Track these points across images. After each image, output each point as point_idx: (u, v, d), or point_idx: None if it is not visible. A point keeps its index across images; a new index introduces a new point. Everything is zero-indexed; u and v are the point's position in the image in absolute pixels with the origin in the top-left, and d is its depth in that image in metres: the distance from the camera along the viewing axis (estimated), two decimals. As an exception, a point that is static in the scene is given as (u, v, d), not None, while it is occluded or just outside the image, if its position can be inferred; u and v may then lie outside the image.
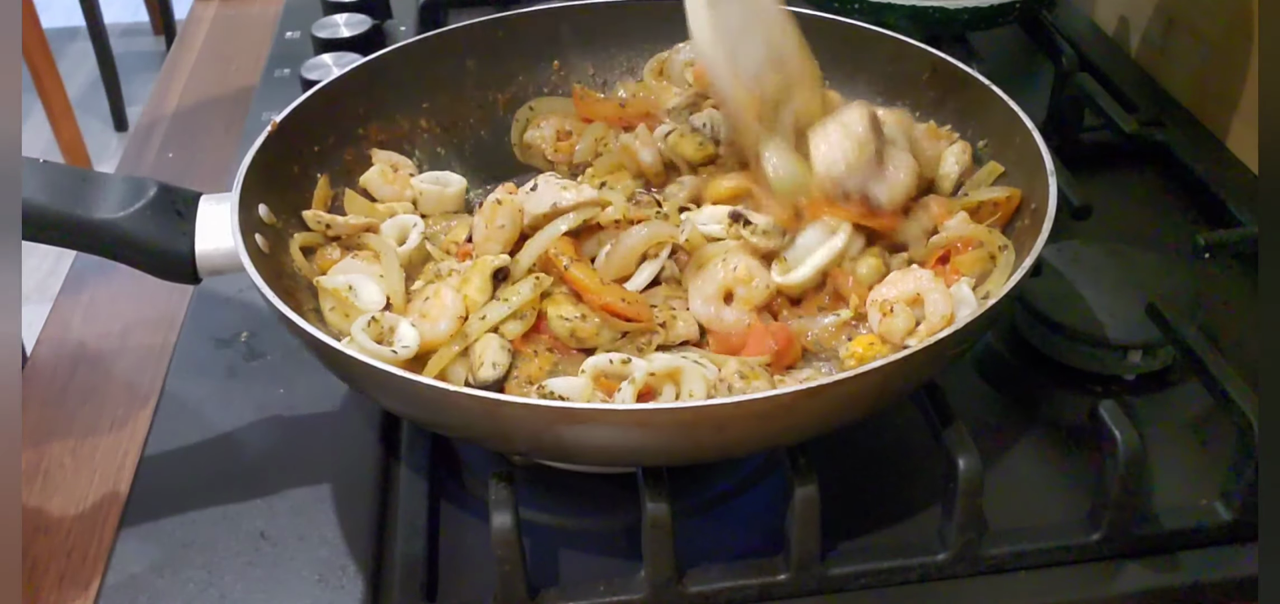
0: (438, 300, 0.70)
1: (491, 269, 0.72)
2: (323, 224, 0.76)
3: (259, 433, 0.75)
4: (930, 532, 0.66)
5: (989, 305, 0.62)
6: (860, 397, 0.60)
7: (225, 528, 0.68)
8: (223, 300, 0.85)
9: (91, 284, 0.93)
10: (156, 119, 1.17)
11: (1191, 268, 0.83)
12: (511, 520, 0.59)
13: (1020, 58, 1.19)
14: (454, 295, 0.70)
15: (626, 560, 0.65)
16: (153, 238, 0.68)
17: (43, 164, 0.68)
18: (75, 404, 0.81)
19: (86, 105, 3.28)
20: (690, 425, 0.57)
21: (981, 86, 0.81)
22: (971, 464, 0.61)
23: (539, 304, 0.71)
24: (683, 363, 0.65)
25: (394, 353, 0.66)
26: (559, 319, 0.69)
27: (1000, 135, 0.79)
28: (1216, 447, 0.72)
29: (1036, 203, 0.71)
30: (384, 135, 0.86)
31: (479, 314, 0.70)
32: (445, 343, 0.69)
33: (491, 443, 0.69)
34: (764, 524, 0.68)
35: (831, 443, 0.64)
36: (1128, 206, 0.97)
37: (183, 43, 1.33)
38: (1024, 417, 0.76)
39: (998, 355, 0.81)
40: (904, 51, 0.87)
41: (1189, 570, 0.65)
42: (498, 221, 0.73)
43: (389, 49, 0.88)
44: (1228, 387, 0.66)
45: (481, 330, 0.69)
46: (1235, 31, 1.00)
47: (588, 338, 0.69)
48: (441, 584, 0.65)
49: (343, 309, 0.70)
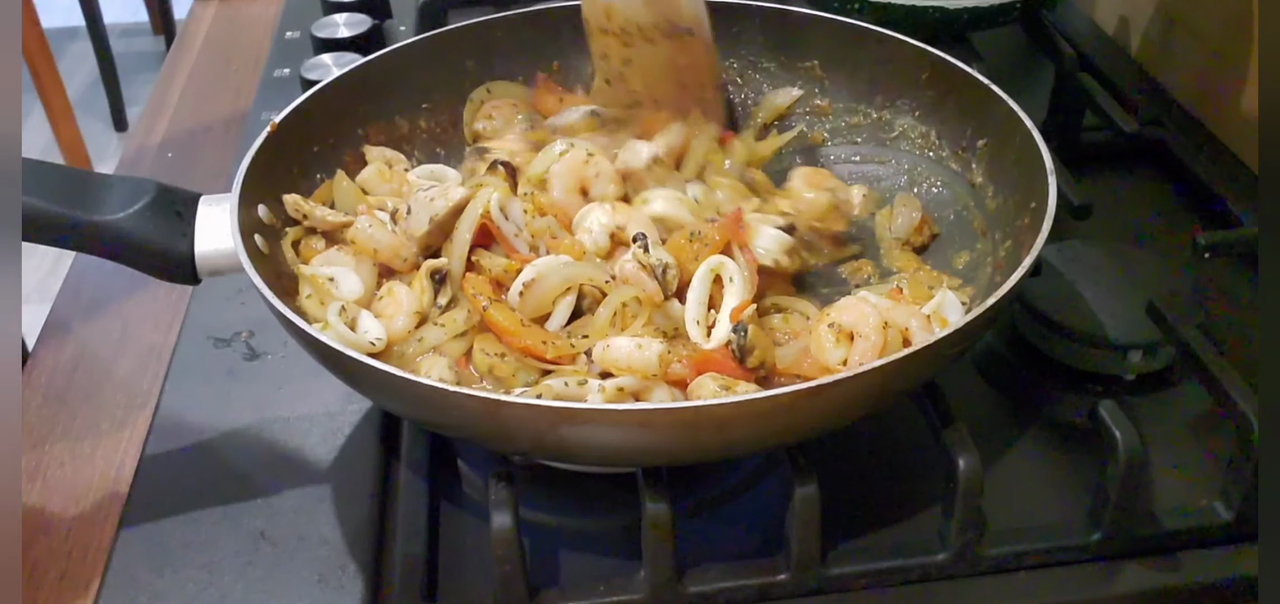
0: (392, 298, 0.72)
1: (429, 271, 0.72)
2: (300, 212, 0.76)
3: (259, 433, 0.75)
4: (930, 532, 0.66)
5: (987, 305, 0.62)
6: (860, 397, 0.60)
7: (225, 528, 0.68)
8: (222, 300, 0.85)
9: (91, 284, 0.93)
10: (156, 119, 1.17)
11: (1191, 268, 0.83)
12: (511, 520, 0.59)
13: (1020, 58, 1.19)
14: (409, 293, 0.71)
15: (626, 560, 0.65)
16: (152, 238, 0.68)
17: (43, 165, 0.68)
18: (75, 404, 0.81)
19: (86, 105, 3.28)
20: (691, 425, 0.57)
21: (981, 86, 0.81)
22: (971, 464, 0.61)
23: (474, 329, 0.71)
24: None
25: (372, 344, 0.68)
26: (481, 354, 0.69)
27: (1000, 135, 0.79)
28: (1216, 447, 0.72)
29: (1036, 203, 0.71)
30: (383, 136, 0.86)
31: (416, 337, 0.70)
32: (402, 339, 0.70)
33: (491, 443, 0.69)
34: (764, 524, 0.68)
35: (831, 443, 0.64)
36: (1128, 207, 0.97)
37: (183, 43, 1.33)
38: (1024, 417, 0.76)
39: (998, 355, 0.81)
40: (903, 51, 0.87)
41: (1189, 570, 0.65)
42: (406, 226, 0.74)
43: (389, 49, 0.88)
44: (1228, 387, 0.66)
45: (420, 350, 0.70)
46: (1235, 31, 1.00)
47: (506, 378, 0.68)
48: (441, 584, 0.65)
49: (319, 296, 0.71)
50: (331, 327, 0.68)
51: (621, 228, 0.74)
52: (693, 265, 0.71)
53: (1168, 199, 0.97)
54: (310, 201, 0.77)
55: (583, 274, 0.71)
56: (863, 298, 0.71)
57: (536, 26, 0.93)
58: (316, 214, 0.76)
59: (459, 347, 0.70)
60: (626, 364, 0.65)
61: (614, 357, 0.65)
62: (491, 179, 0.76)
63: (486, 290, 0.71)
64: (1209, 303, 0.80)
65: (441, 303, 0.72)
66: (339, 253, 0.75)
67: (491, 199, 0.73)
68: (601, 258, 0.74)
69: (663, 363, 0.64)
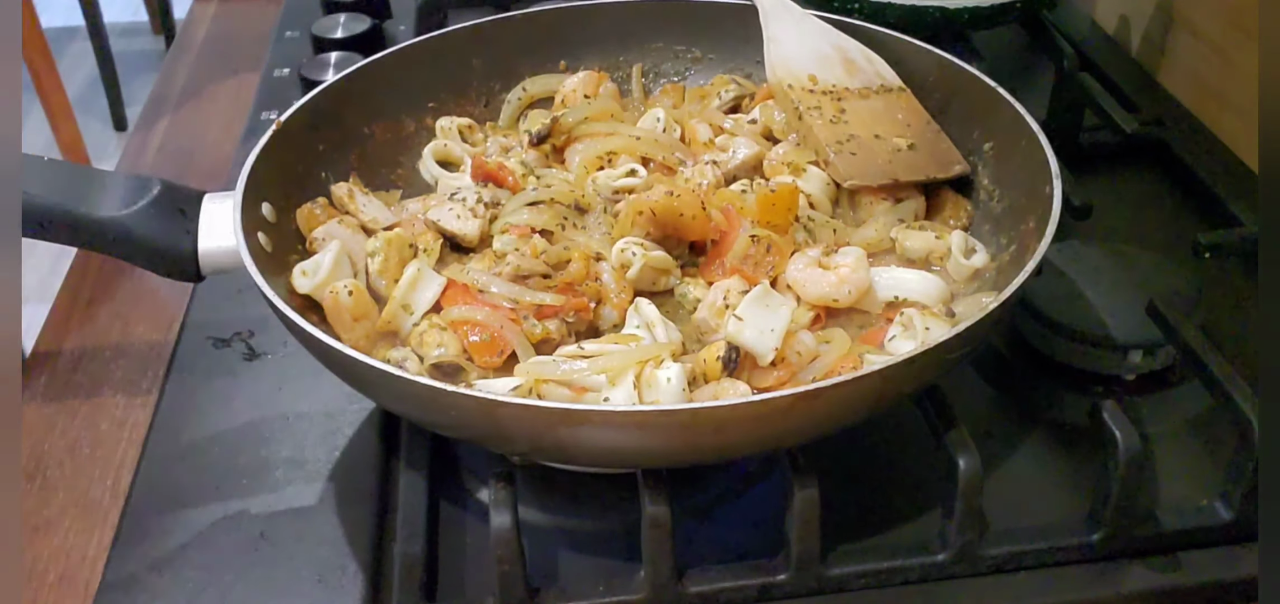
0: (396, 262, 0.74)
1: (405, 244, 0.75)
2: (344, 207, 0.78)
3: (259, 433, 0.75)
4: (930, 532, 0.66)
5: (990, 308, 0.62)
6: (859, 400, 0.60)
7: (225, 528, 0.68)
8: (223, 300, 0.85)
9: (91, 284, 0.93)
10: (156, 119, 1.17)
11: (1191, 268, 0.83)
12: (511, 520, 0.59)
13: (1020, 58, 1.19)
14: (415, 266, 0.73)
15: (626, 561, 0.65)
16: (156, 236, 0.68)
17: (47, 162, 0.68)
18: (75, 404, 0.81)
19: (86, 105, 3.27)
20: (688, 427, 0.57)
21: (988, 89, 0.81)
22: (971, 464, 0.61)
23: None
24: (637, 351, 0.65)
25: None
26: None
27: (1006, 138, 0.79)
28: (1216, 447, 0.72)
29: (1041, 206, 0.71)
30: (389, 135, 0.87)
31: (402, 304, 0.71)
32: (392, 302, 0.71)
33: (491, 443, 0.69)
34: (764, 524, 0.68)
35: (832, 443, 0.64)
36: (1128, 206, 0.97)
37: (182, 42, 1.33)
38: (1024, 417, 0.76)
39: (998, 355, 0.81)
40: (909, 53, 0.87)
41: (1189, 570, 0.65)
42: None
43: (394, 48, 0.88)
44: (1228, 387, 0.66)
45: (400, 315, 0.71)
46: (1235, 31, 1.00)
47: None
48: (441, 584, 0.65)
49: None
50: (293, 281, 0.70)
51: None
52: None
53: (1168, 199, 0.97)
54: (354, 190, 0.79)
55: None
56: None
57: (543, 25, 0.93)
58: (353, 208, 0.78)
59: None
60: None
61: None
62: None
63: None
64: (1209, 303, 0.80)
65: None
66: (339, 225, 0.75)
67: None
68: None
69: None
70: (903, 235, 0.77)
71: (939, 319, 0.68)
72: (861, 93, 0.86)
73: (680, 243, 0.76)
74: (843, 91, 0.86)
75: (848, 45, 0.89)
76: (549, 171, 0.82)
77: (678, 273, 0.75)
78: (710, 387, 0.65)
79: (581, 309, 0.71)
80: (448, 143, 0.87)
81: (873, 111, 0.84)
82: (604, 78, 0.93)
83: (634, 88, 0.94)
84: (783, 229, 0.75)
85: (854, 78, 0.87)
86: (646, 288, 0.74)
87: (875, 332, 0.71)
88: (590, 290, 0.72)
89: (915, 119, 0.85)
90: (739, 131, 0.86)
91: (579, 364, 0.65)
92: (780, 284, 0.73)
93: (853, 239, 0.77)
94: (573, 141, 0.85)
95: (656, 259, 0.73)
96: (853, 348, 0.68)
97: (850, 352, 0.67)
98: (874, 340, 0.70)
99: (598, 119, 0.85)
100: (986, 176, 0.81)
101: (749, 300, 0.67)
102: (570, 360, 0.65)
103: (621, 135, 0.83)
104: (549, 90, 0.93)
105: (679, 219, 0.74)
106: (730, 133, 0.86)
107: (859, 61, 0.88)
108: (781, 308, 0.67)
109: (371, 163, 0.84)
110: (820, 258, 0.74)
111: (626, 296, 0.72)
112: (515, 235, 0.74)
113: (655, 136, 0.84)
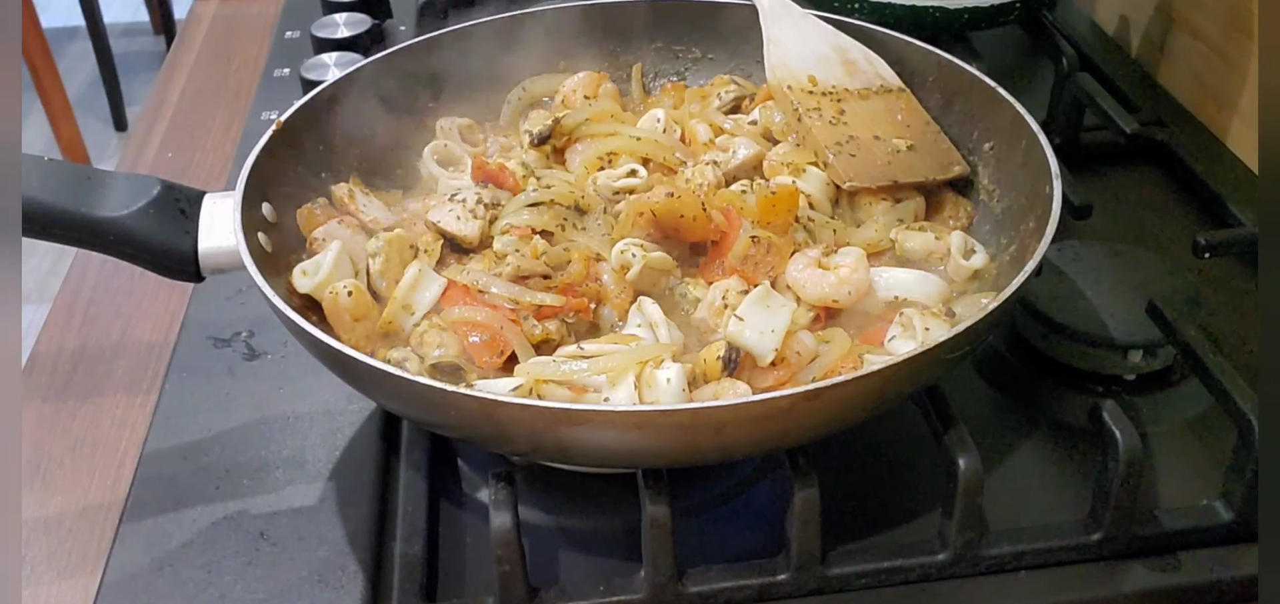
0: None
1: (406, 244, 0.75)
2: (345, 207, 0.78)
3: (259, 433, 0.75)
4: (930, 532, 0.66)
5: (990, 308, 0.62)
6: (859, 400, 0.60)
7: (225, 528, 0.68)
8: (223, 300, 0.85)
9: (91, 284, 0.93)
10: (156, 119, 1.17)
11: (1191, 268, 0.83)
12: (511, 520, 0.59)
13: (1020, 58, 1.19)
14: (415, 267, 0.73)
15: (626, 560, 0.65)
16: (156, 236, 0.68)
17: (48, 162, 0.68)
18: (75, 404, 0.81)
19: (86, 105, 3.27)
20: (688, 427, 0.57)
21: (988, 89, 0.81)
22: (972, 464, 0.61)
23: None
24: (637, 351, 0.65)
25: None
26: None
27: (1006, 138, 0.79)
28: (1216, 447, 0.72)
29: (1041, 207, 0.71)
30: (389, 135, 0.87)
31: (403, 304, 0.71)
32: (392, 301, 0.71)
33: (491, 444, 0.69)
34: (764, 524, 0.68)
35: (832, 443, 0.64)
36: (1128, 206, 0.97)
37: (182, 42, 1.33)
38: (1024, 417, 0.76)
39: (998, 355, 0.81)
40: (909, 53, 0.87)
41: (1189, 570, 0.65)
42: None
43: (394, 48, 0.88)
44: (1228, 387, 0.66)
45: (401, 315, 0.71)
46: (1235, 31, 1.00)
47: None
48: (441, 584, 0.65)
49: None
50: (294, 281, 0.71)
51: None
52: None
53: (1168, 199, 0.97)
54: (355, 190, 0.79)
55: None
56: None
57: (543, 26, 0.93)
58: (356, 206, 0.78)
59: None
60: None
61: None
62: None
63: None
64: (1209, 303, 0.80)
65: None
66: (339, 225, 0.75)
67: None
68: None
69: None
70: (902, 236, 0.77)
71: (939, 319, 0.68)
72: (861, 94, 0.86)
73: (680, 243, 0.76)
74: (842, 92, 0.86)
75: (848, 46, 0.89)
76: (549, 172, 0.82)
77: (678, 273, 0.75)
78: (710, 387, 0.65)
79: (581, 310, 0.71)
80: (448, 143, 0.87)
81: (872, 113, 0.85)
82: (604, 78, 0.93)
83: (634, 88, 0.94)
84: (783, 230, 0.75)
85: (854, 79, 0.87)
86: (647, 289, 0.74)
87: (875, 331, 0.71)
88: (590, 291, 0.72)
89: (915, 120, 0.85)
90: (739, 132, 0.86)
91: (579, 364, 0.64)
92: (780, 284, 0.73)
93: (852, 240, 0.77)
94: (573, 142, 0.85)
95: (657, 260, 0.73)
96: (853, 348, 0.68)
97: (850, 352, 0.67)
98: (874, 340, 0.70)
99: (598, 120, 0.85)
100: (986, 177, 0.81)
101: (749, 301, 0.67)
102: (570, 361, 0.65)
103: (622, 136, 0.83)
104: (549, 90, 0.93)
105: (679, 220, 0.74)
106: (730, 133, 0.86)
107: (859, 62, 0.88)
108: (782, 308, 0.67)
109: (371, 163, 0.84)
110: (820, 258, 0.73)
111: (627, 297, 0.72)
112: (515, 236, 0.74)
113: (656, 137, 0.84)
